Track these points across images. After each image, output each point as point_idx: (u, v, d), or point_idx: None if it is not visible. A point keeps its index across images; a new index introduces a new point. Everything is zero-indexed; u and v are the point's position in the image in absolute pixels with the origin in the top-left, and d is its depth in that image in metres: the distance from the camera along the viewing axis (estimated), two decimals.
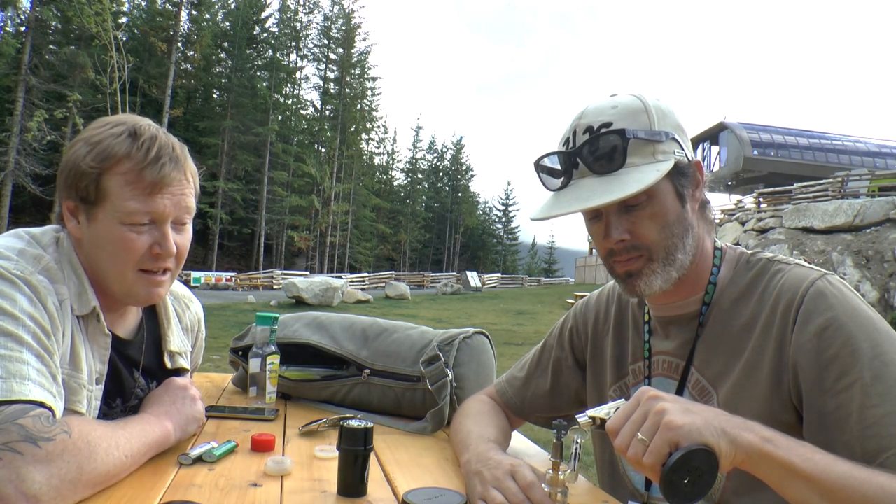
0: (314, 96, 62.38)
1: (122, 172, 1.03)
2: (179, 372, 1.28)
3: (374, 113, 56.14)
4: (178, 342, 1.29)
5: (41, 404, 0.85)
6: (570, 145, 1.00)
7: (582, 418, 0.85)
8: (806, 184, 21.63)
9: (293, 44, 50.16)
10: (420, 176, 67.28)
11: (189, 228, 1.14)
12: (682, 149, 0.98)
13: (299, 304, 19.61)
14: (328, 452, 1.09)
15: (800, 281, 0.95)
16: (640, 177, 0.92)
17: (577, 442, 0.87)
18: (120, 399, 1.15)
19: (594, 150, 0.96)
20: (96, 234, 1.05)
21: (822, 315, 0.90)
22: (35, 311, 0.94)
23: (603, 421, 0.84)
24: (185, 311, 1.36)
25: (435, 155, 69.43)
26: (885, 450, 0.80)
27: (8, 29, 30.18)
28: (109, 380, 1.10)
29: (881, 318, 0.90)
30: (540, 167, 1.05)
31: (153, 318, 1.26)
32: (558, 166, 1.02)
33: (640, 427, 0.77)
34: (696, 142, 38.58)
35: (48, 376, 0.91)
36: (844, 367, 0.86)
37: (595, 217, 1.02)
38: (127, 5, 37.96)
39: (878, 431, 0.81)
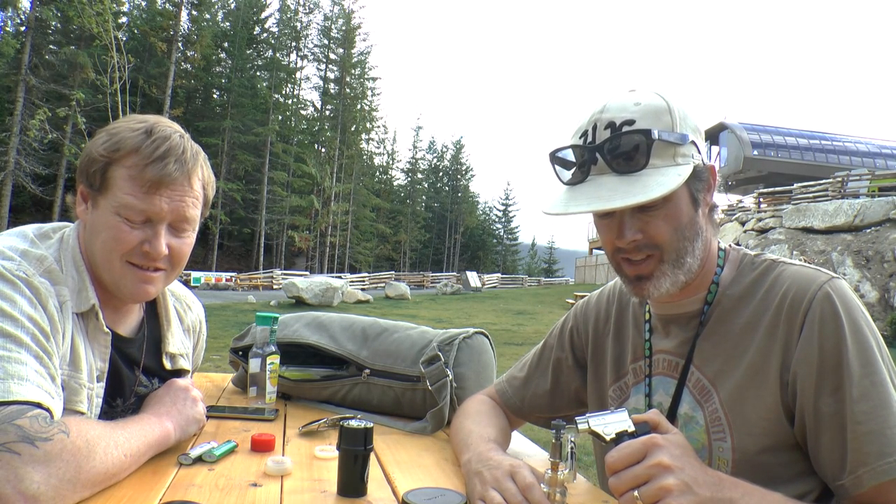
0: (314, 96, 62.47)
1: (127, 166, 1.04)
2: (180, 373, 1.28)
3: (374, 113, 56.17)
4: (178, 344, 1.29)
5: (39, 405, 0.85)
6: (590, 140, 0.96)
7: (582, 425, 0.85)
8: (806, 184, 21.64)
9: (293, 44, 50.17)
10: (420, 176, 67.29)
11: (190, 236, 1.13)
12: (699, 152, 0.97)
13: (299, 304, 19.60)
14: (328, 452, 1.09)
15: (807, 283, 0.95)
16: (662, 180, 0.91)
17: (571, 441, 0.87)
18: (121, 399, 1.15)
19: (616, 147, 0.93)
20: (95, 221, 1.06)
21: (826, 325, 0.91)
22: (35, 313, 0.93)
23: (599, 436, 0.84)
24: (186, 312, 1.36)
25: (435, 155, 69.46)
26: (863, 465, 0.86)
27: (8, 29, 30.21)
28: (110, 377, 1.10)
29: (877, 332, 0.93)
30: (554, 159, 1.02)
31: (154, 318, 1.26)
32: (573, 159, 0.99)
33: (639, 484, 0.78)
34: None
35: (47, 377, 0.91)
36: (838, 381, 0.89)
37: (607, 214, 1.00)
38: (127, 5, 37.97)
39: (858, 447, 0.86)
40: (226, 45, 45.25)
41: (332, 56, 51.96)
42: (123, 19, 35.83)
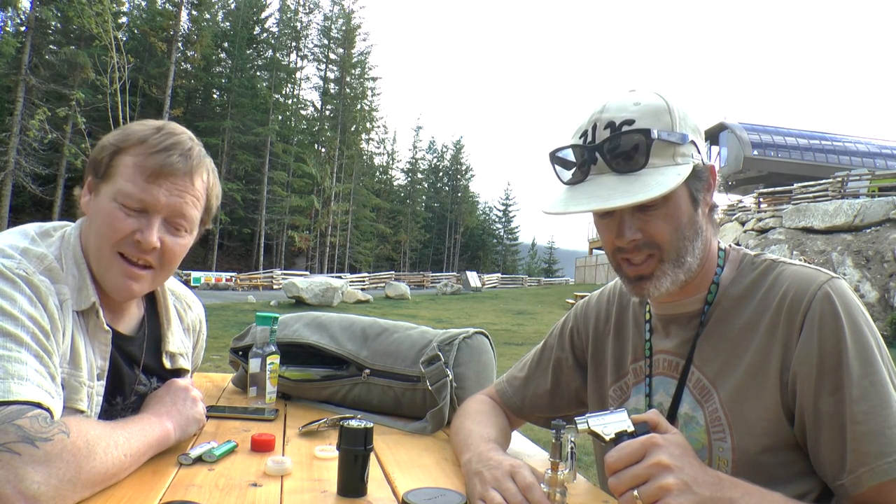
0: (314, 96, 62.43)
1: (133, 154, 1.06)
2: (180, 372, 1.28)
3: (374, 113, 56.14)
4: (178, 343, 1.29)
5: (39, 405, 0.85)
6: (589, 139, 0.97)
7: (582, 425, 0.85)
8: (806, 184, 21.64)
9: (293, 44, 50.16)
10: (420, 176, 67.27)
11: (185, 237, 1.12)
12: (699, 152, 0.97)
13: (299, 304, 19.61)
14: (328, 452, 1.09)
15: (807, 283, 0.95)
16: (661, 180, 0.91)
17: (571, 441, 0.87)
18: (121, 397, 1.15)
19: (616, 147, 0.94)
20: (95, 207, 1.08)
21: (826, 325, 0.91)
22: (35, 312, 0.93)
23: (598, 436, 0.83)
24: (186, 311, 1.36)
25: (435, 155, 69.46)
26: (862, 465, 0.86)
27: (8, 29, 30.18)
28: (110, 376, 1.10)
29: (877, 332, 0.93)
30: (554, 158, 1.02)
31: (155, 317, 1.26)
32: (573, 158, 1.00)
33: (639, 483, 0.78)
34: None
35: (47, 377, 0.91)
36: (837, 381, 0.89)
37: (607, 213, 1.00)
38: (127, 5, 37.98)
39: (858, 447, 0.87)
40: (226, 45, 45.24)
41: (332, 56, 51.97)
42: (123, 19, 35.88)
